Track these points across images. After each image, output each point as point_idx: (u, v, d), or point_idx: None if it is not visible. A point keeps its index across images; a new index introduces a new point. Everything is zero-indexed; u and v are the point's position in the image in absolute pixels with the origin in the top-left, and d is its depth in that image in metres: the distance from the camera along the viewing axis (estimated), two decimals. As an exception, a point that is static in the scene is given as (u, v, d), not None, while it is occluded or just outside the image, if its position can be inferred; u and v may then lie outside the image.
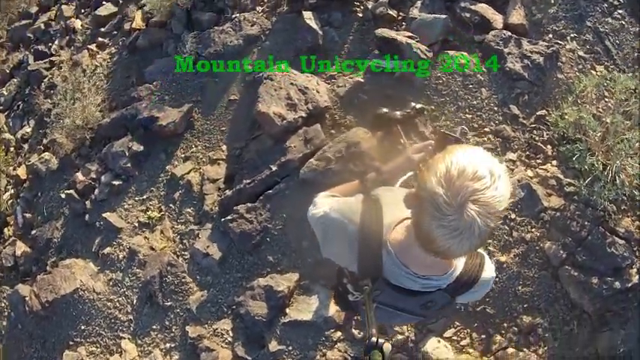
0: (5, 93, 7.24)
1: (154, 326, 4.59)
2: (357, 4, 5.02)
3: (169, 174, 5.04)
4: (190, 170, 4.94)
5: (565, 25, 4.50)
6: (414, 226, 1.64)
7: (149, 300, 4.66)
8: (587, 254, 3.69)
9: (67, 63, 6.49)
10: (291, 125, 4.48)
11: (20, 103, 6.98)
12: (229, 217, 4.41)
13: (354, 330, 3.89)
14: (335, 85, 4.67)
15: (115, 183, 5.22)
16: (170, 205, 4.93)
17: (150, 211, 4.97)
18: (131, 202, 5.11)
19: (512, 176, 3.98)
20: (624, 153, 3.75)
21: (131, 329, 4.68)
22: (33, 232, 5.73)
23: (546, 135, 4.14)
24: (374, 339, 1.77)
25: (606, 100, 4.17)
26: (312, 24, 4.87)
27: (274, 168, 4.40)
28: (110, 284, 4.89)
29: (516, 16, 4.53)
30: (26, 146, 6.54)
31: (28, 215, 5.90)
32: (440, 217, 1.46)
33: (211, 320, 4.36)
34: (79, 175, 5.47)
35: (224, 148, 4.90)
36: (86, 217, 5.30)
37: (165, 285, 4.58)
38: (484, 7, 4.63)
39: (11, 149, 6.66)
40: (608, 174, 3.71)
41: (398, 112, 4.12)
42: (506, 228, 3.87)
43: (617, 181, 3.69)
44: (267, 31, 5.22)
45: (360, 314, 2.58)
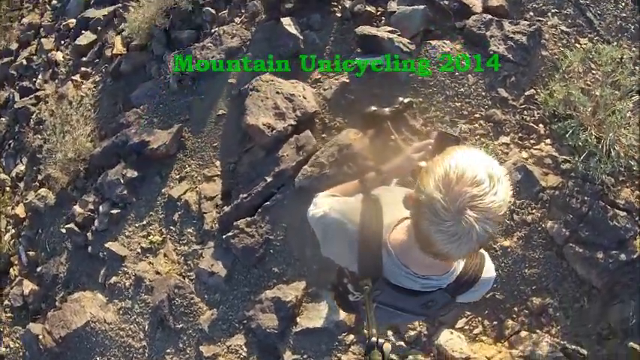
0: (-5, 133, 7.32)
1: (168, 350, 4.64)
2: (335, 3, 5.07)
3: (166, 196, 5.11)
4: (187, 190, 5.02)
5: (545, 2, 4.51)
6: (413, 228, 1.64)
7: (160, 324, 4.72)
8: (590, 230, 3.72)
9: (52, 97, 6.58)
10: (282, 134, 4.54)
11: (11, 141, 7.08)
12: (230, 234, 4.48)
13: (365, 331, 3.94)
14: (321, 89, 4.73)
15: (114, 212, 5.30)
16: (171, 228, 5.00)
17: (151, 236, 5.04)
18: (132, 229, 5.19)
19: (507, 160, 4.02)
20: (617, 124, 3.76)
21: (146, 355, 4.75)
22: (38, 269, 5.81)
23: (537, 114, 4.17)
24: (374, 339, 1.76)
25: (593, 73, 4.19)
26: (292, 29, 4.93)
27: (269, 179, 4.46)
28: (120, 313, 4.96)
29: (495, -2, 4.56)
30: (22, 184, 6.62)
31: (31, 253, 5.98)
32: (438, 222, 1.46)
33: (224, 337, 4.42)
34: (77, 208, 5.56)
35: (217, 164, 4.97)
36: (89, 248, 5.38)
37: (175, 308, 4.64)
38: (462, -7, 4.65)
39: (7, 189, 6.75)
40: (602, 147, 3.73)
41: (386, 109, 4.15)
42: (507, 212, 3.90)
43: (613, 154, 3.71)
44: (247, 42, 5.28)
45: (361, 314, 2.60)
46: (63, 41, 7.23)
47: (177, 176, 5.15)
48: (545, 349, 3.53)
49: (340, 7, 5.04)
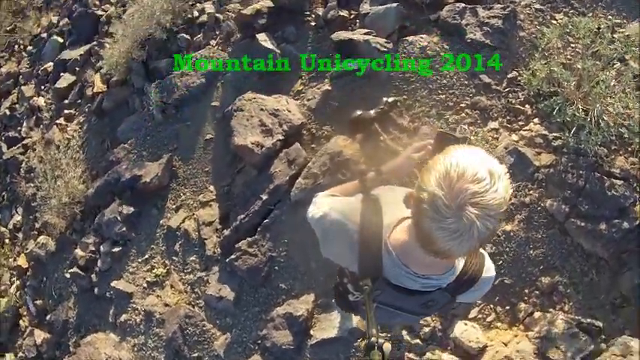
0: (-14, 187, 7.37)
1: (187, 380, 4.70)
2: (307, 13, 5.14)
3: (165, 227, 5.16)
4: (184, 219, 5.06)
5: (516, -17, 4.57)
6: (414, 227, 1.66)
7: (176, 356, 4.75)
8: (590, 202, 3.75)
9: (39, 143, 6.64)
10: (271, 150, 4.60)
11: (4, 193, 7.13)
12: (233, 256, 4.51)
13: (380, 334, 3.96)
14: (304, 100, 4.79)
15: (115, 250, 5.35)
16: (173, 258, 5.04)
17: (155, 269, 5.08)
18: (135, 265, 5.23)
19: (497, 145, 4.07)
20: (602, 95, 3.79)
21: (166, 388, 4.80)
22: (48, 317, 5.84)
23: (522, 96, 4.21)
24: (374, 339, 1.80)
25: (573, 47, 4.23)
26: (268, 44, 4.99)
27: (265, 197, 4.51)
28: (135, 350, 4.99)
29: (466, -15, 4.60)
30: (20, 235, 6.67)
31: (38, 302, 6.01)
32: (439, 220, 1.49)
33: (241, 360, 4.47)
34: (78, 251, 5.60)
35: (211, 188, 5.02)
36: (95, 290, 5.43)
37: (188, 337, 4.68)
38: (433, -16, 4.68)
39: (6, 241, 6.79)
40: (591, 119, 3.75)
41: (372, 111, 4.23)
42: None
43: (602, 124, 3.73)
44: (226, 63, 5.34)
45: (361, 314, 2.62)
46: (43, 86, 7.30)
47: (174, 206, 5.21)
48: (561, 326, 3.56)
49: (313, 15, 5.10)
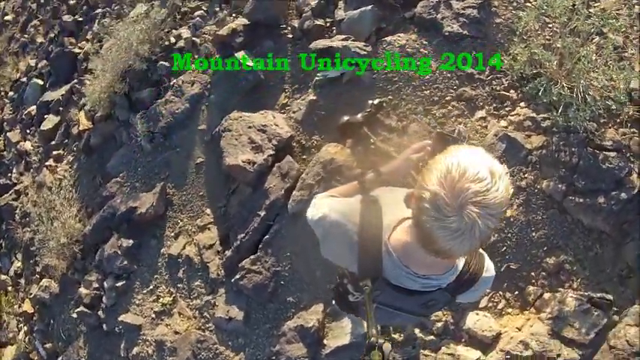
0: (-17, 237, 7.38)
1: (206, 405, 4.71)
2: (284, 26, 5.19)
3: (166, 256, 5.18)
4: (185, 245, 5.08)
5: (485, -30, 4.61)
6: (414, 227, 1.68)
7: (192, 382, 4.78)
8: (585, 178, 3.77)
9: (31, 187, 6.68)
10: (263, 166, 4.63)
11: (1, 241, 7.15)
12: (238, 276, 4.53)
13: (393, 335, 3.99)
14: (290, 112, 4.83)
15: (119, 284, 5.37)
16: (178, 286, 5.06)
17: (161, 298, 5.10)
18: (141, 297, 5.24)
19: (487, 133, 4.10)
20: (585, 70, 3.82)
21: (185, 416, 4.79)
22: (59, 359, 5.85)
23: (506, 81, 4.24)
24: (374, 339, 1.83)
25: (550, 27, 4.26)
26: (248, 62, 5.04)
27: (262, 213, 4.54)
28: (151, 382, 5.01)
29: (437, -20, 4.64)
30: (22, 280, 6.69)
31: (48, 345, 6.03)
32: (440, 219, 1.50)
33: (258, 379, 4.48)
34: (82, 290, 5.62)
35: (208, 211, 5.05)
36: (104, 326, 5.44)
37: (203, 362, 4.71)
38: (404, -17, 4.72)
39: (9, 288, 6.81)
40: (577, 96, 3.78)
41: (359, 115, 4.22)
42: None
43: (589, 99, 3.76)
44: (208, 85, 5.39)
45: (361, 315, 2.64)
46: (28, 130, 7.35)
47: (172, 234, 5.23)
48: (572, 304, 3.58)
49: (290, 28, 5.15)
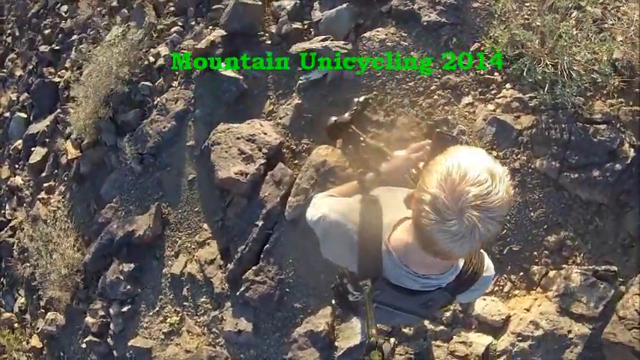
0: (-17, 277, 7.37)
1: (224, 421, 4.72)
2: (261, 33, 5.19)
3: (169, 275, 5.20)
4: (186, 263, 5.10)
5: (456, -45, 4.63)
6: (414, 228, 1.66)
7: (208, 400, 4.78)
8: (578, 153, 3.79)
9: (26, 222, 6.68)
10: (256, 176, 4.65)
11: (2, 279, 7.14)
12: (243, 288, 4.54)
13: (403, 330, 4.00)
14: (277, 119, 4.84)
15: (125, 309, 5.38)
16: (184, 304, 5.07)
17: (169, 318, 5.11)
18: (148, 319, 5.25)
19: (475, 118, 4.12)
20: (567, 46, 3.84)
21: None
22: (71, 392, 5.86)
23: (489, 65, 4.28)
24: (373, 339, 1.85)
25: (527, 6, 4.27)
26: (229, 72, 5.06)
27: (260, 223, 4.55)
28: (166, 404, 5.02)
29: (409, -30, 4.66)
30: (28, 316, 6.68)
31: (61, 379, 6.03)
32: (440, 222, 1.49)
33: (273, 388, 4.49)
34: (89, 319, 5.63)
35: (206, 226, 5.06)
36: (114, 353, 5.44)
37: (217, 378, 4.71)
38: (377, -23, 4.73)
39: (16, 326, 6.80)
40: (562, 72, 3.79)
41: (346, 114, 4.24)
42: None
43: (574, 74, 3.77)
44: (192, 101, 5.40)
45: (360, 314, 2.65)
46: (17, 165, 7.37)
47: (172, 253, 5.24)
48: (578, 279, 3.59)
49: (267, 34, 5.16)
